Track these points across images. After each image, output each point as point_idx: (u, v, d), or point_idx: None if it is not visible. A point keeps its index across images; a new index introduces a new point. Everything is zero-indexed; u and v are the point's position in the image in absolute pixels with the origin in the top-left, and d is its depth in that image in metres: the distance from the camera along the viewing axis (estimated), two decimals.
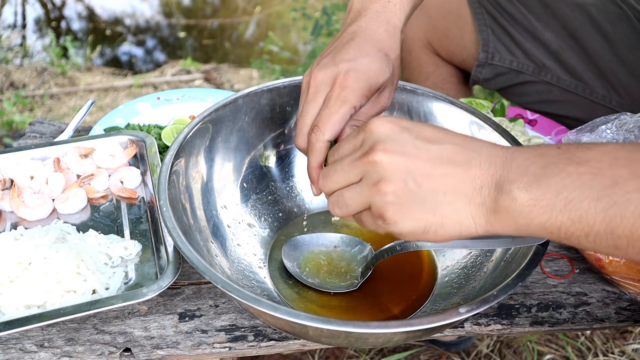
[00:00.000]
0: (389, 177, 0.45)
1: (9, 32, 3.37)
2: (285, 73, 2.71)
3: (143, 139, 0.87)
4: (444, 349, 1.29)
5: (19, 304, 0.62)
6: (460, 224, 0.45)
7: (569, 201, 0.41)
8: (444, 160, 0.45)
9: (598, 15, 0.96)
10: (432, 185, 0.44)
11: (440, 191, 0.44)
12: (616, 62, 0.96)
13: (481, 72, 1.10)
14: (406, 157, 0.45)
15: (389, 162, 0.45)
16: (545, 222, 0.42)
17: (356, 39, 0.60)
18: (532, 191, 0.42)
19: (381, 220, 0.47)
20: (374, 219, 0.48)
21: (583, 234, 0.42)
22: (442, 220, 0.45)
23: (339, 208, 0.49)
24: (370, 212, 0.48)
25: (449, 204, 0.44)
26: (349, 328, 0.48)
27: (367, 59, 0.59)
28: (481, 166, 0.44)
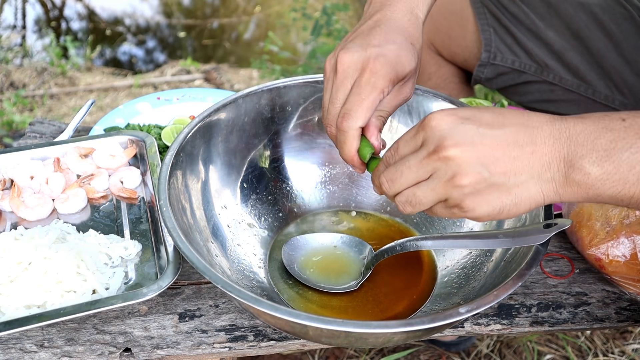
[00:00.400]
0: (464, 170, 0.46)
1: (9, 32, 3.37)
2: (285, 73, 2.71)
3: (143, 139, 0.87)
4: (444, 349, 1.29)
5: (19, 304, 0.62)
6: (531, 199, 0.47)
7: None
8: (510, 143, 0.46)
9: (602, 15, 0.96)
10: (503, 169, 0.46)
11: (512, 173, 0.46)
12: (620, 62, 0.96)
13: (483, 72, 1.10)
14: (475, 147, 0.46)
15: (460, 155, 0.46)
16: (618, 194, 0.45)
17: (382, 26, 0.59)
18: (604, 165, 0.44)
19: (457, 209, 0.48)
20: (449, 209, 0.49)
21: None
22: (515, 199, 0.47)
23: (412, 206, 0.50)
24: (445, 204, 0.49)
25: (521, 184, 0.46)
26: (349, 328, 0.48)
27: (394, 46, 0.58)
28: (546, 143, 0.46)
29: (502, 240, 0.56)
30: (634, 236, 0.65)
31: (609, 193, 0.45)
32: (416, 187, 0.49)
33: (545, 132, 0.46)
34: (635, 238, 0.65)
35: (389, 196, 0.53)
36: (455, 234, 0.71)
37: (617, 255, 0.67)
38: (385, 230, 0.77)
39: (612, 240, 0.67)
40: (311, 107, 0.78)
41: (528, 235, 0.55)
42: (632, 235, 0.65)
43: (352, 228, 0.77)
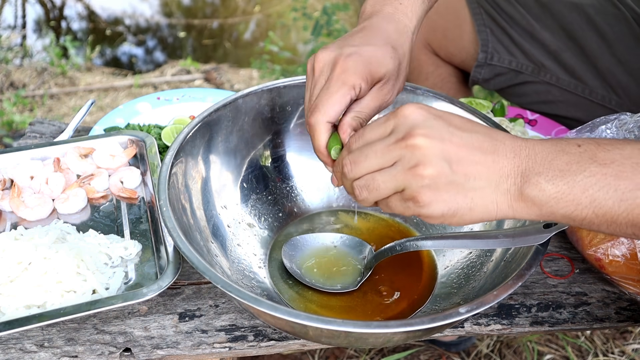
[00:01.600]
0: (428, 161, 0.46)
1: (9, 32, 3.37)
2: (285, 73, 2.71)
3: (143, 139, 0.87)
4: (444, 349, 1.29)
5: (19, 304, 0.62)
6: (485, 208, 0.47)
7: (594, 199, 0.45)
8: (475, 148, 0.47)
9: (596, 15, 0.96)
10: (465, 170, 0.46)
11: (472, 176, 0.46)
12: (614, 63, 0.96)
13: (480, 73, 1.10)
14: (442, 142, 0.46)
15: (427, 146, 0.46)
16: (571, 214, 0.46)
17: (364, 31, 0.62)
18: (559, 185, 0.45)
19: (412, 203, 0.48)
20: (404, 201, 0.49)
21: (605, 225, 0.46)
22: (471, 204, 0.47)
23: (369, 192, 0.50)
24: (401, 196, 0.49)
25: (479, 189, 0.47)
26: (349, 328, 0.48)
27: (371, 47, 0.59)
28: (507, 156, 0.47)
29: (502, 240, 0.56)
30: None
31: (562, 212, 0.46)
32: (377, 173, 0.49)
33: (507, 146, 0.47)
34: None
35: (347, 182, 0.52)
36: (455, 233, 0.71)
37: (617, 255, 0.67)
38: (385, 230, 0.77)
39: (612, 240, 0.67)
40: None
41: (528, 235, 0.55)
42: None
43: (352, 228, 0.77)
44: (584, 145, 0.47)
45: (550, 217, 0.47)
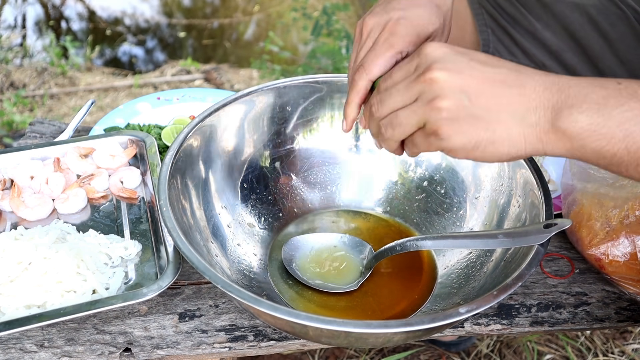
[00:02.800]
0: (445, 94, 0.46)
1: (9, 32, 3.37)
2: (285, 73, 2.71)
3: (143, 139, 0.87)
4: (444, 349, 1.29)
5: (19, 304, 0.62)
6: (510, 141, 0.46)
7: (629, 134, 0.43)
8: (497, 81, 0.46)
9: (597, 15, 0.96)
10: (485, 103, 0.46)
11: (493, 109, 0.46)
12: (616, 63, 0.96)
13: None
14: (462, 75, 0.46)
15: (445, 79, 0.46)
16: (602, 148, 0.45)
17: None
18: (593, 117, 0.44)
19: (434, 137, 0.48)
20: (426, 136, 0.49)
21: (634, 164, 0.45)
22: (493, 136, 0.46)
23: (392, 128, 0.50)
24: (423, 131, 0.49)
25: (502, 122, 0.46)
26: (349, 328, 0.48)
27: (418, 9, 0.61)
28: (535, 89, 0.46)
29: (502, 240, 0.56)
30: (634, 236, 0.65)
31: (593, 146, 0.45)
32: (400, 110, 0.50)
33: (537, 80, 0.46)
34: (635, 238, 0.65)
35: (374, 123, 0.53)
36: (455, 234, 0.71)
37: (617, 255, 0.67)
38: (385, 230, 0.77)
39: (612, 240, 0.67)
40: (311, 107, 0.78)
41: (528, 235, 0.55)
42: (632, 235, 0.65)
43: (352, 228, 0.77)
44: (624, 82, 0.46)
45: (580, 152, 0.46)
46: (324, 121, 0.79)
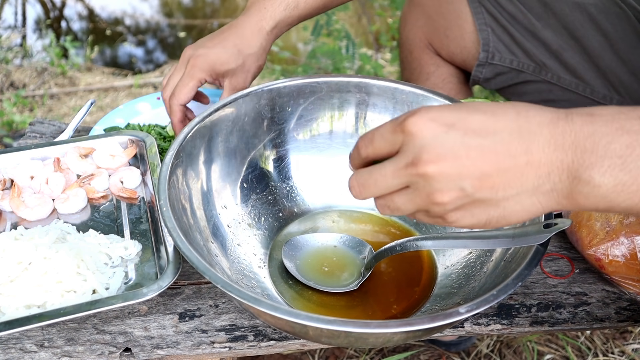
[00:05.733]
0: (444, 187, 0.42)
1: (9, 32, 3.37)
2: (285, 73, 2.71)
3: (143, 139, 0.87)
4: (444, 349, 1.29)
5: (19, 304, 0.62)
6: (525, 211, 0.42)
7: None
8: (499, 154, 0.41)
9: (598, 14, 0.96)
10: (490, 184, 0.41)
11: (500, 187, 0.41)
12: (616, 62, 0.96)
13: (481, 72, 1.10)
14: (457, 160, 0.41)
15: (439, 172, 0.41)
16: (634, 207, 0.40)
17: (226, 32, 0.83)
18: (619, 175, 0.38)
19: (440, 220, 0.45)
20: (431, 218, 0.46)
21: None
22: (503, 212, 0.43)
23: (391, 210, 0.47)
24: (427, 214, 0.46)
25: (512, 197, 0.42)
26: (349, 328, 0.48)
27: (219, 50, 0.81)
28: (544, 151, 0.40)
29: (502, 240, 0.56)
30: (634, 236, 0.65)
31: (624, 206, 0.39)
32: (395, 194, 0.45)
33: (545, 137, 0.40)
34: (635, 238, 0.65)
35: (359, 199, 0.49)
36: (455, 234, 0.70)
37: (616, 255, 0.67)
38: (385, 230, 0.77)
39: (611, 240, 0.67)
40: (311, 107, 0.78)
41: (528, 235, 0.55)
42: (632, 235, 0.65)
43: (352, 228, 0.77)
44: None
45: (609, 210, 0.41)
46: (324, 121, 0.80)
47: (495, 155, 0.41)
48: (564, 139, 0.40)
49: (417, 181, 0.43)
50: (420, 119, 0.42)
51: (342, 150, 0.80)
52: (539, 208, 0.42)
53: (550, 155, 0.40)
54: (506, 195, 0.41)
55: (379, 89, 0.76)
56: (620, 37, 0.95)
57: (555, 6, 1.00)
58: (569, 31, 0.99)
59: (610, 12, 0.96)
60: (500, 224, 0.44)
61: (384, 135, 0.46)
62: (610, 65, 0.97)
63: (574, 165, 0.39)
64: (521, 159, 0.40)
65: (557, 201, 0.41)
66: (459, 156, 0.41)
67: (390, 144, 0.45)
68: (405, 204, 0.45)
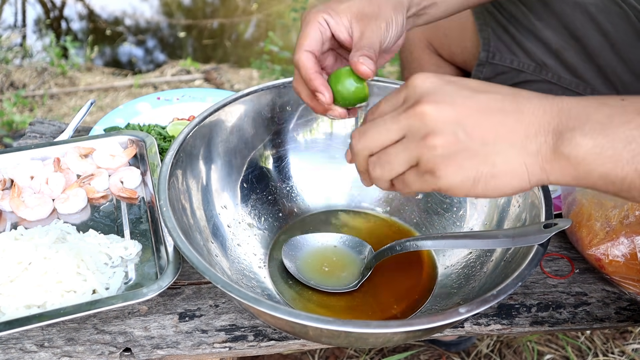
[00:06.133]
0: (438, 129, 0.43)
1: (9, 32, 3.37)
2: (285, 73, 2.71)
3: (143, 139, 0.87)
4: (444, 349, 1.29)
5: (19, 304, 0.62)
6: (513, 173, 0.43)
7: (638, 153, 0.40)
8: (493, 109, 0.43)
9: (598, 14, 0.96)
10: (482, 134, 0.43)
11: (491, 140, 0.43)
12: (616, 61, 0.96)
13: (482, 72, 1.10)
14: (454, 107, 0.43)
15: (437, 113, 0.43)
16: (609, 172, 0.41)
17: None
18: (598, 138, 0.41)
19: (429, 175, 0.45)
20: (420, 175, 0.46)
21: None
22: (492, 169, 0.43)
23: (382, 167, 0.47)
24: (417, 169, 0.46)
25: (500, 153, 0.43)
26: (349, 328, 0.48)
27: None
28: (534, 113, 0.43)
29: (502, 240, 0.56)
30: (634, 236, 0.65)
31: (600, 170, 0.41)
32: (390, 147, 0.46)
33: (535, 103, 0.43)
34: (635, 238, 0.65)
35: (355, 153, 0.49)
36: (455, 234, 0.71)
37: (616, 255, 0.67)
38: (385, 230, 0.77)
39: (611, 240, 0.67)
40: None
41: (528, 235, 0.55)
42: (632, 235, 0.65)
43: (352, 228, 0.77)
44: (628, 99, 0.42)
45: (587, 179, 0.42)
46: (324, 121, 0.79)
47: (489, 109, 0.43)
48: (551, 107, 0.43)
49: (413, 124, 0.44)
50: (423, 74, 0.46)
51: (342, 151, 0.80)
52: (524, 172, 0.43)
53: (539, 117, 0.43)
54: (496, 149, 0.43)
55: (379, 89, 0.76)
56: (620, 37, 0.95)
57: (555, 6, 1.00)
58: (569, 31, 1.00)
59: (610, 12, 0.96)
60: (489, 185, 0.44)
61: (388, 98, 0.49)
62: (610, 64, 0.97)
63: (558, 127, 0.42)
64: (512, 116, 0.43)
65: (540, 166, 0.43)
66: (456, 103, 0.43)
67: (394, 103, 0.47)
68: (398, 154, 0.46)
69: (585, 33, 0.98)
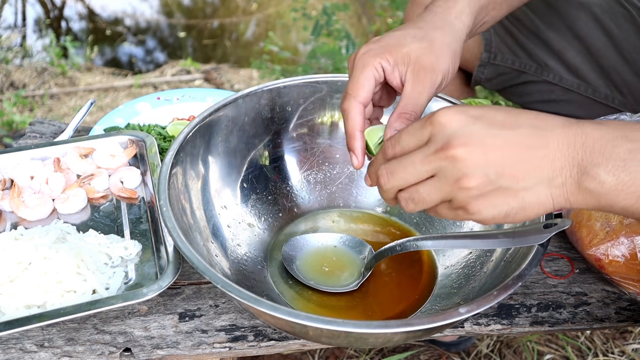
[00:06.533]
0: (471, 172, 0.44)
1: (9, 32, 3.37)
2: (285, 73, 2.71)
3: (143, 139, 0.87)
4: (444, 349, 1.29)
5: (19, 304, 0.62)
6: (540, 204, 0.45)
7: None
8: (521, 145, 0.45)
9: (602, 15, 0.96)
10: (512, 172, 0.44)
11: (521, 177, 0.44)
12: (620, 62, 0.96)
13: (483, 72, 1.10)
14: (484, 148, 0.44)
15: (469, 157, 0.44)
16: (632, 206, 0.44)
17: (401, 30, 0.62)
18: (620, 175, 0.43)
19: (462, 211, 0.47)
20: (453, 210, 0.48)
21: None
22: (523, 203, 0.45)
23: (415, 203, 0.49)
24: (449, 204, 0.48)
25: (530, 188, 0.45)
26: (349, 328, 0.48)
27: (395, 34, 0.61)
28: (559, 147, 0.44)
29: (502, 240, 0.56)
30: (634, 236, 0.65)
31: (622, 204, 0.44)
32: (420, 185, 0.48)
33: (560, 135, 0.45)
34: (635, 238, 0.65)
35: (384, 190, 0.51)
36: (455, 234, 0.71)
37: (616, 255, 0.67)
38: (385, 230, 0.77)
39: (611, 240, 0.67)
40: (311, 107, 0.78)
41: (528, 235, 0.55)
42: (632, 235, 0.65)
43: (352, 228, 0.77)
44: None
45: (608, 209, 0.45)
46: (324, 121, 0.80)
47: (517, 147, 0.45)
48: (575, 139, 0.44)
49: (445, 166, 0.45)
50: (449, 111, 0.46)
51: (342, 150, 0.80)
52: (550, 203, 0.45)
53: (564, 152, 0.44)
54: (525, 185, 0.45)
55: None
56: (624, 37, 0.95)
57: (559, 6, 1.00)
58: (572, 31, 1.00)
59: (615, 13, 0.96)
60: (518, 217, 0.46)
61: (411, 132, 0.49)
62: (614, 65, 0.97)
63: (583, 162, 0.44)
64: (539, 152, 0.44)
65: (565, 197, 0.45)
66: (486, 144, 0.44)
67: (418, 139, 0.48)
68: (430, 193, 0.47)
69: (589, 34, 0.98)
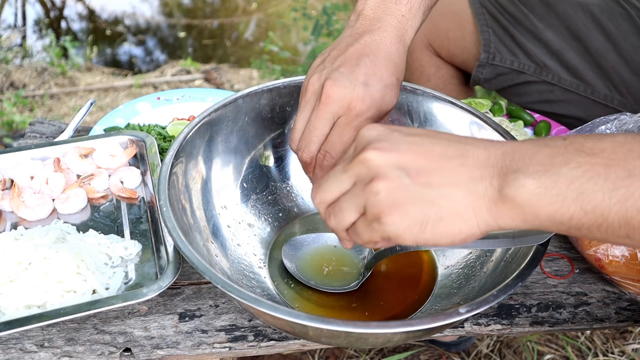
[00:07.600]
0: (382, 173, 0.43)
1: (9, 32, 3.37)
2: (285, 73, 2.71)
3: (143, 139, 0.87)
4: (444, 349, 1.29)
5: (19, 304, 0.62)
6: (460, 216, 0.43)
7: (582, 192, 0.40)
8: (436, 154, 0.44)
9: (601, 14, 0.96)
10: (426, 178, 0.43)
11: (436, 184, 0.43)
12: (619, 62, 0.96)
13: (482, 73, 1.10)
14: (397, 152, 0.44)
15: (380, 158, 0.44)
16: (556, 213, 0.41)
17: (370, 56, 0.59)
18: (541, 179, 0.41)
19: (376, 223, 0.44)
20: (368, 224, 0.45)
21: (595, 225, 0.40)
22: (439, 212, 0.43)
23: (335, 217, 0.48)
24: (365, 218, 0.46)
25: (445, 196, 0.43)
26: (349, 328, 0.48)
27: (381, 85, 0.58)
28: (478, 157, 0.43)
29: (502, 241, 0.56)
30: None
31: (546, 211, 0.41)
32: (341, 197, 0.47)
33: (479, 147, 0.44)
34: None
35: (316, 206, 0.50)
36: None
37: (616, 255, 0.67)
38: None
39: None
40: None
41: (528, 235, 0.55)
42: None
43: None
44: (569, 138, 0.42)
45: (535, 221, 0.42)
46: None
47: (433, 154, 0.44)
48: (495, 150, 0.43)
49: (359, 172, 0.45)
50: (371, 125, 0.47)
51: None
52: (472, 218, 0.43)
53: (483, 162, 0.43)
54: (441, 193, 0.43)
55: None
56: (623, 37, 0.95)
57: (558, 7, 1.00)
58: (571, 32, 1.00)
59: (613, 13, 0.96)
60: (437, 229, 0.43)
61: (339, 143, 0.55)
62: (613, 65, 0.97)
63: (502, 170, 0.42)
64: (456, 161, 0.43)
65: (488, 208, 0.43)
66: (400, 149, 0.44)
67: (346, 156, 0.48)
68: (347, 201, 0.46)
69: (588, 34, 0.98)
